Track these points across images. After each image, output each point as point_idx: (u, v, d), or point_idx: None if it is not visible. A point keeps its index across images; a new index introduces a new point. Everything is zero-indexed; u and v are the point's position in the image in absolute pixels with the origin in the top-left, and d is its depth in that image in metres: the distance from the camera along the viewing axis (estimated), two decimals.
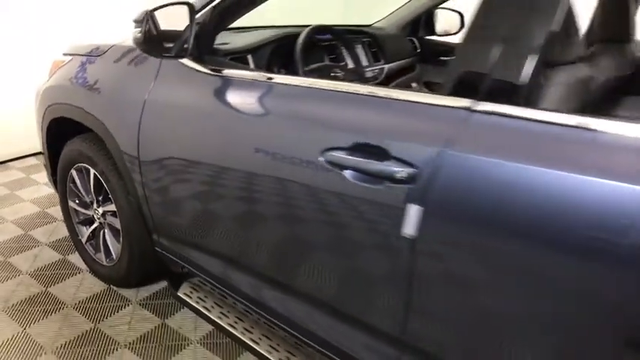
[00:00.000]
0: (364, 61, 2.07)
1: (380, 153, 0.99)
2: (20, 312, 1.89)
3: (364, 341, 1.16)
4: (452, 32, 2.59)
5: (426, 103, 0.98)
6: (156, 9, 1.26)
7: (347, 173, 1.04)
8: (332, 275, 1.16)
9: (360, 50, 2.07)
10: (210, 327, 1.81)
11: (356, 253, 1.07)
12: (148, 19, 1.24)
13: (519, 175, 0.83)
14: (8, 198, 2.90)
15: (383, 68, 2.16)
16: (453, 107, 0.93)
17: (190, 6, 1.32)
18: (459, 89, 0.94)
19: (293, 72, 1.63)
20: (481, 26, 0.94)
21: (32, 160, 3.54)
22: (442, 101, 0.95)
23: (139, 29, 1.25)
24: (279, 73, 1.64)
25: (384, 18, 2.60)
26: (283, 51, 1.66)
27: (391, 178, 0.96)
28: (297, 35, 1.62)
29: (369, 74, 2.04)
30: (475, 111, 0.91)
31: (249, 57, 1.61)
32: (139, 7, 1.36)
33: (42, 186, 3.09)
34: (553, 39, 0.92)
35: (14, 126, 3.37)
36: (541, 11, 0.89)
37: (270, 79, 1.29)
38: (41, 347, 1.71)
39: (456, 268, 0.92)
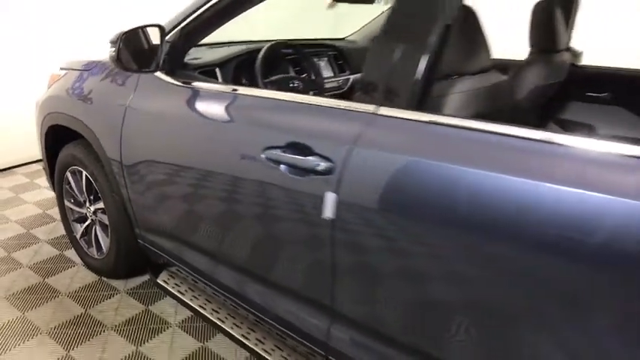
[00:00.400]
0: (328, 73, 2.27)
1: (307, 150, 1.19)
2: (20, 299, 2.11)
3: (305, 312, 1.35)
4: None
5: (342, 108, 1.18)
6: (129, 31, 1.48)
7: (282, 167, 1.24)
8: (273, 254, 1.36)
9: (324, 63, 2.28)
10: (189, 312, 2.02)
11: (290, 235, 1.28)
12: (120, 39, 1.46)
13: (412, 167, 1.03)
14: (13, 200, 3.14)
15: (348, 79, 2.37)
16: (360, 112, 1.13)
17: (161, 28, 1.54)
18: (366, 93, 1.14)
19: (255, 83, 1.84)
20: (383, 33, 1.14)
21: (36, 167, 3.79)
22: (354, 106, 1.16)
23: (114, 48, 1.47)
24: (244, 84, 1.85)
25: (356, 32, 2.82)
26: (247, 64, 1.87)
27: (314, 171, 1.17)
28: (260, 50, 1.84)
29: (331, 84, 2.25)
30: (377, 114, 1.11)
31: (217, 70, 1.83)
32: (137, 8, 1.57)
33: (44, 190, 3.32)
34: (450, 49, 1.11)
35: (19, 134, 3.61)
36: (430, 16, 1.07)
37: (234, 90, 1.50)
38: (37, 328, 1.93)
39: (367, 244, 1.11)
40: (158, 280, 1.93)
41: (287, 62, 2.10)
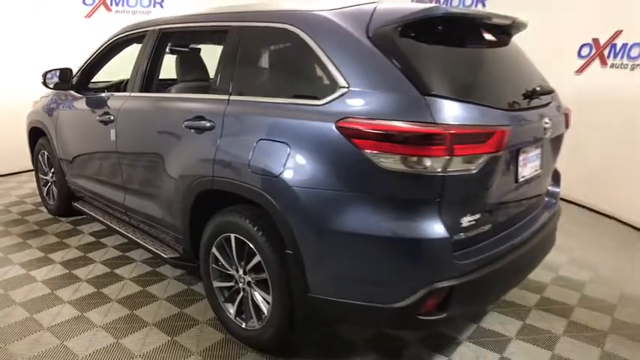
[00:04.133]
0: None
1: (109, 114, 2.80)
2: (6, 224, 3.75)
3: (115, 191, 2.91)
4: None
5: (123, 95, 2.81)
6: (50, 70, 3.18)
7: (103, 124, 2.85)
8: (107, 167, 2.95)
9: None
10: (97, 228, 3.59)
11: (108, 153, 2.87)
12: (45, 74, 3.17)
13: (139, 114, 2.63)
14: (16, 187, 4.87)
15: None
16: (126, 95, 2.75)
17: (70, 70, 3.24)
18: (127, 86, 2.76)
19: None
20: None
21: None
22: (124, 93, 2.78)
23: (42, 78, 3.18)
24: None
25: None
26: (119, 88, 3.57)
27: (110, 121, 2.78)
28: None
29: None
30: (130, 95, 2.72)
31: (105, 90, 3.51)
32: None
33: None
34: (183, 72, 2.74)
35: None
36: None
37: (111, 94, 3.15)
38: (10, 233, 3.54)
39: (128, 147, 2.69)
40: (75, 204, 3.53)
41: None
